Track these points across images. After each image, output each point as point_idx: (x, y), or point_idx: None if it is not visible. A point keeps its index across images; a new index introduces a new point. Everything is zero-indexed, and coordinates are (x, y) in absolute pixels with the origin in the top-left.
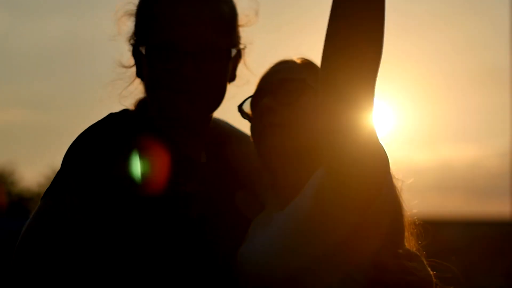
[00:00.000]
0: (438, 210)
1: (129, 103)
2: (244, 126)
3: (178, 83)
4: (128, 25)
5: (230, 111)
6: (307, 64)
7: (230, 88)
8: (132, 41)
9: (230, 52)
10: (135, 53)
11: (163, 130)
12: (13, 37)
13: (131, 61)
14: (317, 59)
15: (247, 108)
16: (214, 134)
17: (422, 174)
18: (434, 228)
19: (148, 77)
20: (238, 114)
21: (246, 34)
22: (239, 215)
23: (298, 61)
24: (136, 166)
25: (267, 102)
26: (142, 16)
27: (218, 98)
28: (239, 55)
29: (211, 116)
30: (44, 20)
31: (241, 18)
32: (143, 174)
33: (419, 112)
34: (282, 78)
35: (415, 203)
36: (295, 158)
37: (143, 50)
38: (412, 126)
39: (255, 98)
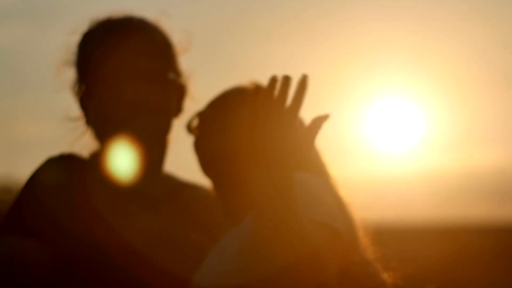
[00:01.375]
0: (465, 215)
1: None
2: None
3: (119, 110)
4: (69, 75)
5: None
6: (255, 87)
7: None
8: (76, 89)
9: (166, 76)
10: (81, 100)
11: (113, 165)
12: (34, 48)
13: (78, 112)
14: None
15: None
16: (167, 182)
17: (449, 178)
18: (460, 234)
19: (92, 114)
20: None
21: (188, 66)
22: (191, 250)
23: (249, 86)
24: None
25: (207, 111)
26: (80, 58)
27: (161, 121)
28: (182, 87)
29: (163, 146)
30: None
31: (176, 47)
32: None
33: (450, 114)
34: (226, 93)
35: (442, 208)
36: (235, 169)
37: (84, 88)
38: (442, 129)
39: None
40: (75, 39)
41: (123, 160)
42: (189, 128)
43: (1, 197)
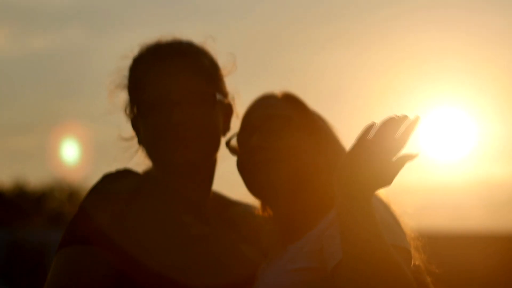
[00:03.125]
0: None
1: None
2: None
3: (170, 131)
4: (121, 97)
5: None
6: (289, 98)
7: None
8: (128, 110)
9: (214, 97)
10: (133, 121)
11: (166, 181)
12: (90, 51)
13: (131, 132)
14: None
15: (234, 144)
16: (216, 199)
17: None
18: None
19: (144, 134)
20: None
21: (233, 86)
22: (242, 262)
23: (280, 95)
24: (146, 214)
25: (256, 141)
26: (131, 82)
27: (211, 141)
28: (229, 107)
29: (212, 167)
30: (121, 34)
31: (222, 68)
32: (150, 220)
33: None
34: (268, 115)
35: (494, 217)
36: (288, 191)
37: (135, 110)
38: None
39: (242, 135)
40: (126, 63)
41: (175, 177)
42: (230, 148)
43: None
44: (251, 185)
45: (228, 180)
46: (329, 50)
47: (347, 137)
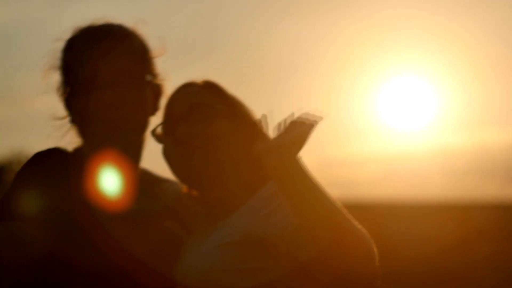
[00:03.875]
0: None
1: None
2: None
3: (100, 111)
4: (55, 78)
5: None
6: (209, 86)
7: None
8: (60, 91)
9: (143, 77)
10: (65, 101)
11: (95, 159)
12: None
13: (64, 112)
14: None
15: (159, 133)
16: (144, 176)
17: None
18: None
19: (75, 114)
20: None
21: (163, 69)
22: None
23: (201, 83)
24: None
25: (182, 130)
26: (64, 63)
27: (139, 121)
28: (158, 88)
29: (141, 142)
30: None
31: (152, 51)
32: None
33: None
34: (192, 104)
35: (454, 186)
36: (218, 176)
37: (68, 91)
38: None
39: (167, 124)
40: (59, 45)
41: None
42: (156, 137)
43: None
44: (179, 172)
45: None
46: (286, 22)
47: (309, 107)
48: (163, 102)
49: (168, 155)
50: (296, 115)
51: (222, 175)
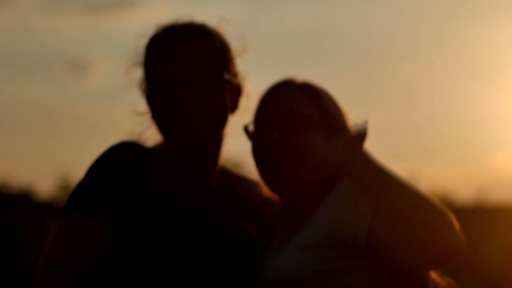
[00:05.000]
0: None
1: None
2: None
3: (179, 107)
4: (137, 74)
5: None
6: (309, 90)
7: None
8: (142, 86)
9: (222, 76)
10: (147, 97)
11: (173, 156)
12: (251, 26)
13: (145, 107)
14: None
15: (251, 130)
16: (223, 174)
17: None
18: None
19: (155, 110)
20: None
21: (243, 67)
22: (243, 239)
23: (300, 86)
24: (153, 186)
25: (276, 137)
26: (145, 60)
27: (218, 118)
28: (238, 87)
29: (220, 143)
30: (280, 11)
31: (233, 50)
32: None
33: None
34: (288, 111)
35: None
36: (306, 188)
37: (149, 87)
38: None
39: (261, 123)
40: (143, 42)
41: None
42: (248, 133)
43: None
44: (265, 176)
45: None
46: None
47: None
48: (243, 101)
49: (257, 157)
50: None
51: (308, 190)
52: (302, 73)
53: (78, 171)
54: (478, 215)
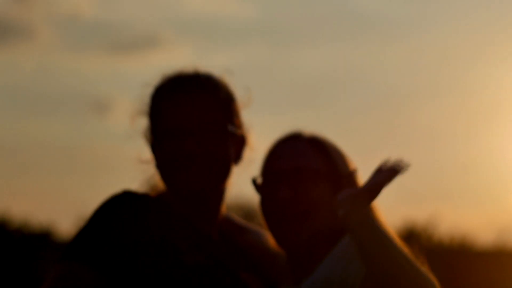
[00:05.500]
0: None
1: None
2: None
3: (182, 158)
4: (142, 123)
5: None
6: (317, 145)
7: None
8: (147, 135)
9: (226, 128)
10: (151, 146)
11: (175, 206)
12: (273, 68)
13: (149, 155)
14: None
15: (259, 183)
16: (226, 224)
17: None
18: None
19: (159, 159)
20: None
21: (247, 118)
22: None
23: (309, 139)
24: (151, 237)
25: (286, 194)
26: (151, 109)
27: (220, 170)
28: (242, 138)
29: (222, 194)
30: (306, 50)
31: (238, 101)
32: (156, 245)
33: None
34: (297, 167)
35: None
36: (313, 241)
37: (153, 137)
38: None
39: (270, 179)
40: (148, 91)
41: (185, 203)
42: (256, 186)
43: None
44: (277, 234)
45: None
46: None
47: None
48: (248, 151)
49: (265, 211)
50: (387, 162)
51: (317, 244)
52: (324, 115)
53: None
54: (498, 258)
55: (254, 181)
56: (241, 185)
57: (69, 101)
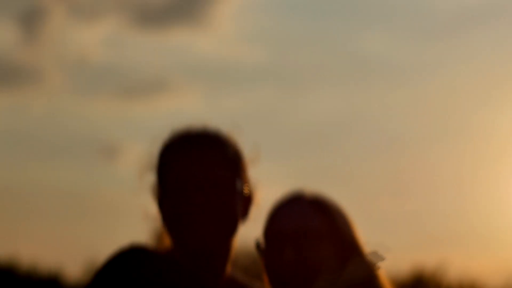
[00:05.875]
0: None
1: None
2: None
3: (189, 215)
4: (149, 178)
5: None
6: (319, 207)
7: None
8: (154, 191)
9: (234, 185)
10: (158, 202)
11: (182, 262)
12: (281, 112)
13: (156, 211)
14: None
15: (263, 246)
16: (231, 282)
17: None
18: None
19: (166, 215)
20: None
21: (254, 176)
22: None
23: (311, 200)
24: None
25: (290, 256)
26: (159, 164)
27: (228, 227)
28: (249, 196)
29: (228, 251)
30: (314, 94)
31: (245, 158)
32: None
33: None
34: (300, 228)
35: None
36: None
37: (161, 192)
38: None
39: (273, 241)
40: (157, 146)
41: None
42: (260, 250)
43: None
44: None
45: None
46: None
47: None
48: (254, 210)
49: (270, 274)
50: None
51: None
52: (331, 158)
53: (106, 255)
54: None
55: (257, 245)
56: (248, 232)
57: (77, 145)
